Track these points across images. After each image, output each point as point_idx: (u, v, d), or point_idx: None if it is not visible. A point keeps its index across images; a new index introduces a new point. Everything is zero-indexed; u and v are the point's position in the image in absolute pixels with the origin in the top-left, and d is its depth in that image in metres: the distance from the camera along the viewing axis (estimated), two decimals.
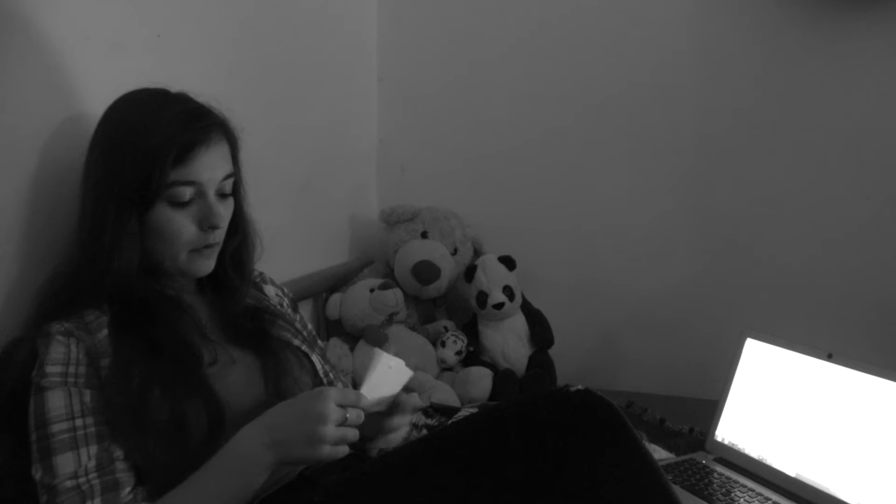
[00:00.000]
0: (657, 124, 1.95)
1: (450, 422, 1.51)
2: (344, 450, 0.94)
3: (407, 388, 1.07)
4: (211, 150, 1.03)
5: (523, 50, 2.05)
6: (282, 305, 1.30)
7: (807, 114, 1.80)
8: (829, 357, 1.31)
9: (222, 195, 1.07)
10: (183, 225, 1.03)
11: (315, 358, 1.21)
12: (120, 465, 0.94)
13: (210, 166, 1.03)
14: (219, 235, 1.08)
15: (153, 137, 0.99)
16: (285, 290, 1.34)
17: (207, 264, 1.08)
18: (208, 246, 1.07)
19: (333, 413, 0.92)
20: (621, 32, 1.95)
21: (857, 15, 1.71)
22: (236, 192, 1.12)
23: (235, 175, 1.10)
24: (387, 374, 1.03)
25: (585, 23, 1.98)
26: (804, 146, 1.81)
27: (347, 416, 0.93)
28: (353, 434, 0.94)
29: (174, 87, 1.08)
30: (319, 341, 1.34)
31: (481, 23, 2.09)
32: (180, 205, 1.02)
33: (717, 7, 1.85)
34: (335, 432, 0.92)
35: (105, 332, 0.99)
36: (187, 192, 1.02)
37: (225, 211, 1.08)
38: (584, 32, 1.99)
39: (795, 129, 1.82)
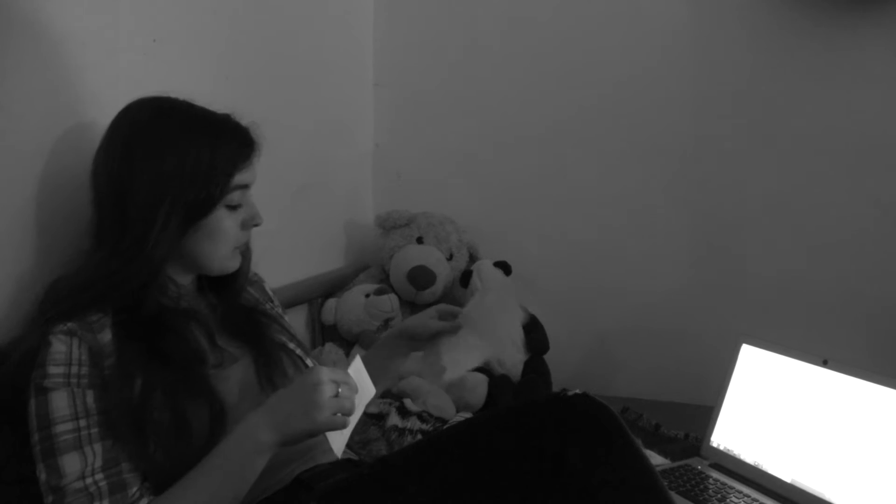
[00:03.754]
0: (653, 130, 1.95)
1: (446, 426, 1.50)
2: (343, 420, 0.95)
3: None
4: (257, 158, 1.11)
5: (520, 56, 2.06)
6: (276, 302, 1.32)
7: (802, 118, 1.81)
8: (825, 363, 1.31)
9: None
10: (233, 225, 1.09)
11: (311, 362, 1.22)
12: (126, 466, 0.94)
13: (254, 170, 1.10)
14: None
15: (218, 153, 1.04)
16: (275, 298, 1.35)
17: (239, 259, 1.14)
18: (245, 243, 1.14)
19: (326, 382, 0.94)
20: (618, 40, 1.96)
21: (853, 19, 1.72)
22: None
23: None
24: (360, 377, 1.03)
25: (583, 30, 1.98)
26: (800, 151, 1.82)
27: (340, 390, 0.95)
28: (349, 404, 0.95)
29: (171, 93, 1.08)
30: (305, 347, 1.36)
31: (477, 29, 2.09)
32: (233, 207, 1.07)
33: (713, 9, 1.86)
34: (331, 400, 0.93)
35: (108, 333, 0.99)
36: (239, 196, 1.07)
37: None
38: (581, 40, 1.99)
39: (791, 134, 1.82)
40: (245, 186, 1.08)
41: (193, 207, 1.03)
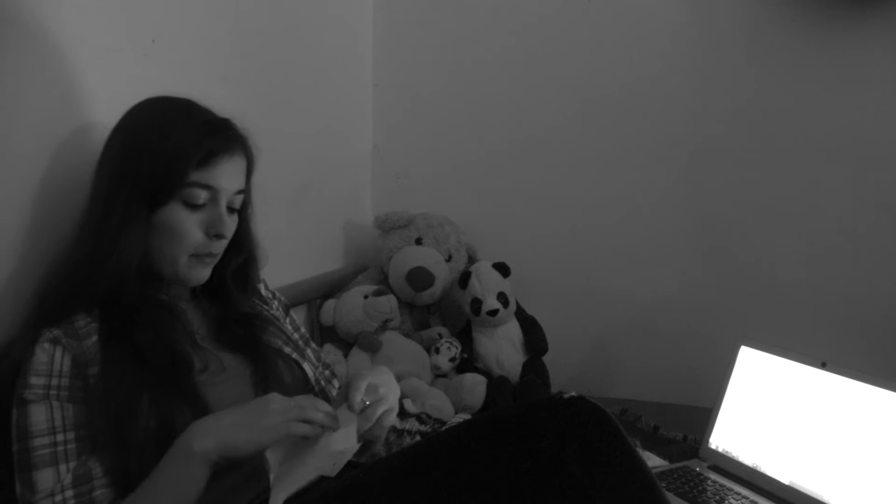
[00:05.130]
0: (653, 133, 1.96)
1: (444, 427, 1.50)
2: (299, 428, 0.91)
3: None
4: (233, 161, 1.06)
5: (519, 57, 2.06)
6: (273, 306, 1.29)
7: (803, 121, 1.81)
8: (823, 365, 1.31)
9: (231, 209, 1.08)
10: (191, 227, 1.03)
11: (307, 366, 1.20)
12: (98, 483, 0.92)
13: (228, 175, 1.05)
14: (221, 246, 1.09)
15: (180, 136, 1.01)
16: (277, 293, 1.34)
17: (204, 273, 1.08)
18: (209, 254, 1.07)
19: (280, 399, 0.93)
20: (618, 40, 1.96)
21: (854, 21, 1.72)
22: (243, 211, 1.13)
23: (246, 194, 1.12)
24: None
25: (582, 30, 1.99)
26: (800, 154, 1.82)
27: (293, 402, 0.93)
28: (302, 412, 0.92)
29: (169, 93, 1.08)
30: (312, 343, 1.34)
31: (477, 29, 2.09)
32: (193, 207, 1.03)
33: (713, 11, 1.86)
34: (283, 403, 0.92)
35: (94, 338, 0.98)
36: (202, 196, 1.03)
37: (231, 224, 1.08)
38: (580, 40, 1.99)
39: (791, 137, 1.83)
40: (208, 187, 1.03)
41: (149, 193, 1.00)
